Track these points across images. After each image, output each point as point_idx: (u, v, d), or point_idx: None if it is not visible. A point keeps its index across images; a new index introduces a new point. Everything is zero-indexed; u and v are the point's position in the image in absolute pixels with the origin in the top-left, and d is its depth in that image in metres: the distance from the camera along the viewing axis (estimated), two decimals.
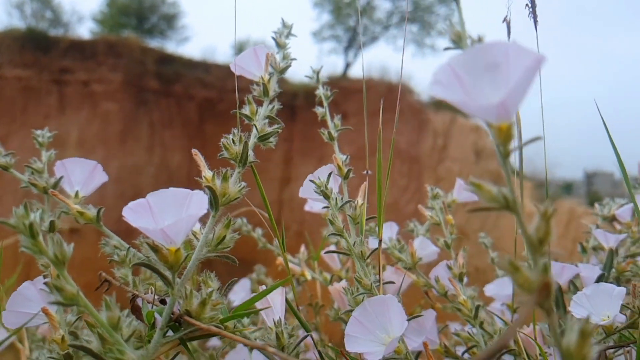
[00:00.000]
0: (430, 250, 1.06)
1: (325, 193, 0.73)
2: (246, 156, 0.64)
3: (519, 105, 0.38)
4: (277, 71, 0.85)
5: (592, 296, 0.82)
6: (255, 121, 0.72)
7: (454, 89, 0.40)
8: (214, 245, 0.57)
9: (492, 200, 0.40)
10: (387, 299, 0.62)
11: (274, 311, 0.67)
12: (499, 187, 0.40)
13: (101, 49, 14.07)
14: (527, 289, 0.38)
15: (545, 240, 0.39)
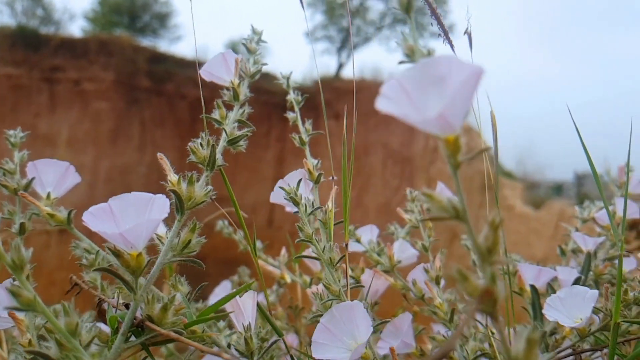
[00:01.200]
0: (409, 253, 1.06)
1: (294, 200, 0.73)
2: (214, 160, 0.64)
3: (461, 117, 0.38)
4: (247, 76, 0.86)
5: (566, 299, 0.82)
6: (225, 125, 0.72)
7: (401, 103, 0.40)
8: (180, 250, 0.56)
9: (443, 210, 0.40)
10: (354, 305, 0.62)
11: (244, 315, 0.66)
12: (449, 198, 0.40)
13: (93, 48, 14.01)
14: (475, 296, 0.38)
15: (493, 249, 0.38)
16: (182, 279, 0.64)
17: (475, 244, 0.40)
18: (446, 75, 0.39)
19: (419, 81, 0.40)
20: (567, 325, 0.79)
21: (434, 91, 0.40)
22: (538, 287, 1.01)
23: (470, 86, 0.37)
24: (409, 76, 0.40)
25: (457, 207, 0.39)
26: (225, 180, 0.71)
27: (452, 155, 0.39)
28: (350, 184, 0.75)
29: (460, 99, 0.37)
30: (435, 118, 0.37)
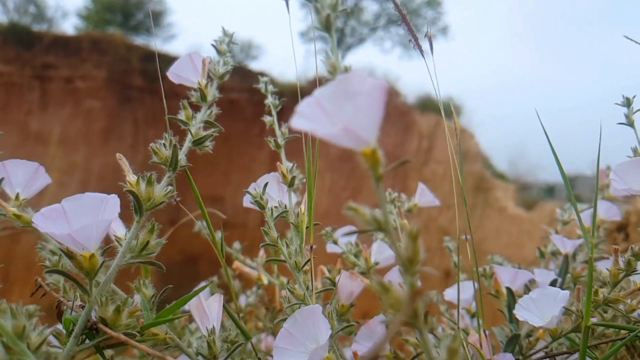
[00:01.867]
0: (387, 254, 1.05)
1: (259, 204, 0.72)
2: (176, 160, 0.63)
3: (370, 131, 0.39)
4: (216, 77, 0.85)
5: (538, 299, 0.82)
6: (191, 126, 0.71)
7: (317, 120, 0.40)
8: (138, 251, 0.55)
9: (367, 223, 0.39)
10: (316, 309, 0.61)
11: (209, 318, 0.65)
12: (372, 211, 0.40)
13: (85, 46, 13.93)
14: (397, 309, 0.38)
15: (414, 260, 0.38)
16: (147, 282, 0.63)
17: (397, 254, 0.39)
18: (357, 90, 0.39)
19: (335, 97, 0.40)
20: (537, 324, 0.78)
21: (346, 106, 0.40)
22: (515, 290, 1.01)
23: (374, 101, 0.37)
24: (325, 93, 0.41)
25: (379, 219, 0.39)
26: (191, 182, 0.70)
27: (372, 168, 0.39)
28: (315, 187, 0.74)
29: (364, 114, 0.37)
30: (340, 132, 0.37)
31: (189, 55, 0.89)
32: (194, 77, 0.87)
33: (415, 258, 0.39)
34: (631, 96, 1.05)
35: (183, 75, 0.87)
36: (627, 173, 0.94)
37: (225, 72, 0.92)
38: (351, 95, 0.40)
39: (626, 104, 1.03)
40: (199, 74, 0.79)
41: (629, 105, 1.03)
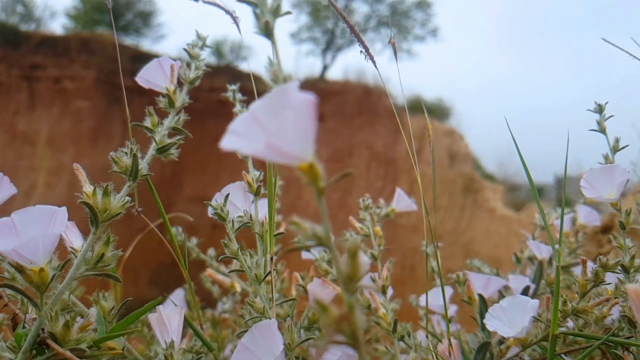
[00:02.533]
0: None
1: (220, 216, 0.71)
2: (136, 170, 0.62)
3: (301, 146, 0.37)
4: (187, 82, 0.84)
5: (508, 308, 0.82)
6: (156, 133, 0.70)
7: (251, 137, 0.39)
8: (93, 264, 0.54)
9: (308, 238, 0.39)
10: (272, 324, 0.60)
11: (169, 331, 0.64)
12: (312, 226, 0.39)
13: (74, 45, 13.83)
14: (336, 330, 0.37)
15: (354, 277, 0.37)
16: (107, 294, 0.62)
17: (337, 272, 0.39)
18: (288, 104, 0.39)
19: (270, 111, 0.39)
20: (506, 334, 0.78)
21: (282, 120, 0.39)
22: (488, 296, 1.01)
23: (302, 116, 0.36)
24: (261, 106, 0.39)
25: (319, 235, 0.38)
26: (153, 191, 0.69)
27: (312, 182, 0.39)
28: (275, 196, 0.73)
29: (291, 129, 0.36)
30: (264, 149, 0.36)
31: (158, 61, 0.88)
32: (163, 82, 0.86)
33: (354, 275, 0.38)
34: (604, 102, 1.05)
35: (152, 80, 0.86)
36: (597, 180, 0.94)
37: (196, 77, 0.91)
38: (284, 109, 0.39)
39: (598, 110, 1.03)
40: (168, 79, 0.78)
41: (601, 111, 1.03)
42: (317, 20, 14.82)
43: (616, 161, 1.01)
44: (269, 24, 0.45)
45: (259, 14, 0.46)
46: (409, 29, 14.62)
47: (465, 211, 12.11)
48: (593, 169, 0.95)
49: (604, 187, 0.94)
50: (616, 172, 0.93)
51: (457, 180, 12.32)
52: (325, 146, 14.39)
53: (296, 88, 0.38)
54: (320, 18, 14.61)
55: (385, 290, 0.90)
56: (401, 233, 13.73)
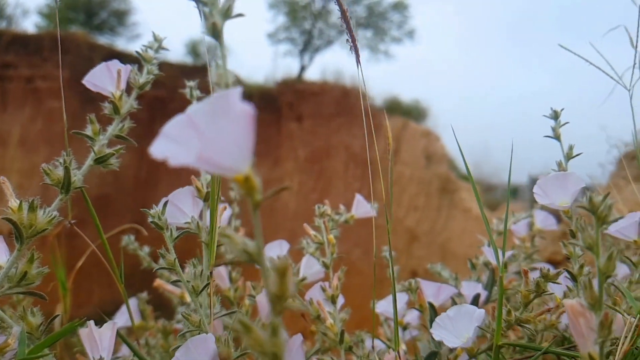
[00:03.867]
0: (316, 269, 1.04)
1: (157, 224, 0.70)
2: (69, 182, 0.60)
3: (236, 158, 0.36)
4: (136, 87, 0.83)
5: (455, 318, 0.82)
6: (96, 142, 0.68)
7: (186, 142, 0.37)
8: (16, 281, 0.53)
9: (238, 252, 0.38)
10: (208, 338, 0.59)
11: (99, 347, 0.63)
12: (244, 240, 0.38)
13: (46, 44, 13.57)
14: (259, 350, 0.36)
15: (282, 297, 0.37)
16: (35, 309, 0.60)
17: (267, 291, 0.38)
18: (229, 111, 0.37)
19: (210, 116, 0.37)
20: (451, 345, 0.78)
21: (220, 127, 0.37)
22: (440, 304, 1.01)
23: (240, 126, 0.35)
24: (200, 110, 0.37)
25: (249, 251, 0.37)
26: (88, 202, 0.68)
27: (248, 195, 0.37)
28: (217, 209, 0.72)
29: (228, 139, 0.35)
30: (196, 159, 0.34)
31: (106, 64, 0.87)
32: (110, 86, 0.85)
33: (283, 295, 0.38)
34: (559, 109, 1.06)
35: (99, 84, 0.85)
36: (549, 187, 0.95)
37: (146, 81, 0.89)
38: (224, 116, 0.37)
39: (553, 117, 1.04)
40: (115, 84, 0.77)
41: (557, 118, 1.04)
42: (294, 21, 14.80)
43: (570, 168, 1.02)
44: (217, 25, 0.44)
45: (207, 14, 0.45)
46: (386, 30, 14.68)
47: (442, 211, 12.21)
48: (547, 176, 0.95)
49: (557, 194, 0.95)
50: (570, 180, 0.94)
51: (433, 181, 12.41)
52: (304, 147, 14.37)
53: (238, 96, 0.36)
54: (298, 19, 14.59)
55: (334, 299, 0.89)
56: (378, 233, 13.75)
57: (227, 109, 0.36)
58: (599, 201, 0.54)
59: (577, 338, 0.54)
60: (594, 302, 0.52)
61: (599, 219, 0.54)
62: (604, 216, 0.54)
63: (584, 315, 0.53)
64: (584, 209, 0.55)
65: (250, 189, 0.37)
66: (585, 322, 0.53)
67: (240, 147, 0.35)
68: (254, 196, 0.37)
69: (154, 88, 4.19)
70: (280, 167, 15.21)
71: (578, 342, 0.54)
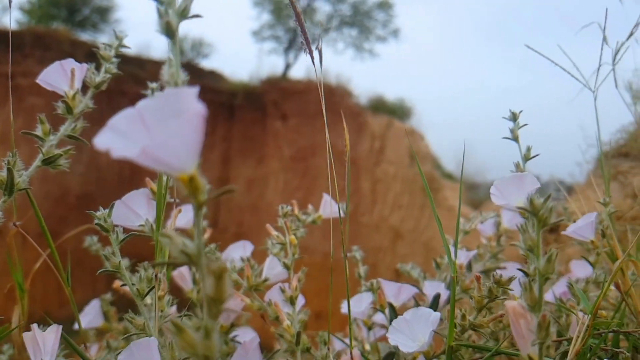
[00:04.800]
0: (278, 270, 1.04)
1: (102, 226, 0.69)
2: (12, 184, 0.59)
3: (182, 157, 0.36)
4: (92, 86, 0.82)
5: (412, 321, 0.82)
6: (46, 142, 0.67)
7: (133, 137, 0.36)
8: None
9: (177, 254, 0.37)
10: (151, 342, 0.58)
11: (42, 351, 0.62)
12: (184, 241, 0.37)
13: (28, 41, 13.40)
14: (191, 353, 0.36)
15: (219, 300, 0.36)
16: None
17: (203, 294, 0.38)
18: (180, 109, 0.36)
19: (160, 112, 0.37)
20: (406, 349, 0.78)
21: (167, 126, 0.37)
22: (400, 304, 1.02)
23: (190, 126, 0.34)
24: (150, 106, 0.37)
25: (188, 252, 0.37)
26: (33, 204, 0.67)
27: (191, 195, 0.37)
28: (164, 207, 0.71)
29: (176, 137, 0.34)
30: (141, 154, 0.34)
31: (60, 63, 0.86)
32: (65, 85, 0.84)
33: (219, 298, 0.37)
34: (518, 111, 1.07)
35: (54, 83, 0.84)
36: (506, 188, 0.95)
37: (102, 81, 0.88)
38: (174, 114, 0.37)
39: (512, 119, 1.05)
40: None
41: (515, 119, 1.05)
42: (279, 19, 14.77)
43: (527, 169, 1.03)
44: (171, 24, 0.43)
45: (162, 12, 0.44)
46: (370, 29, 14.71)
47: (425, 210, 12.26)
48: (504, 177, 0.96)
49: (514, 195, 0.96)
50: (526, 181, 0.95)
51: (417, 180, 12.46)
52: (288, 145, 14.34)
53: (193, 95, 0.36)
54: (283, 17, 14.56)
55: (293, 301, 0.89)
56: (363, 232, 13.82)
57: (177, 108, 0.36)
58: (539, 203, 0.54)
59: (517, 339, 0.54)
60: (534, 303, 0.53)
61: (539, 220, 0.54)
62: (545, 218, 0.54)
63: (524, 317, 0.54)
64: (525, 211, 0.55)
65: (195, 190, 0.37)
66: (525, 324, 0.53)
67: (187, 147, 0.35)
68: (198, 197, 0.37)
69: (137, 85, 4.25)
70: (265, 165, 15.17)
71: (519, 343, 0.54)
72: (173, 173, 0.37)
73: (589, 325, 0.76)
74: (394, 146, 13.26)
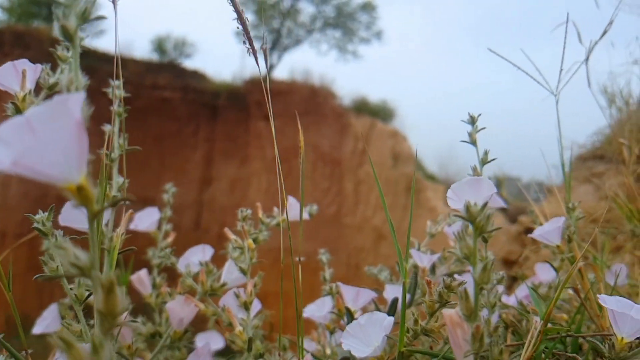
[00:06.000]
0: (236, 274, 1.02)
1: (41, 231, 0.67)
2: None
3: (61, 166, 0.34)
4: (45, 87, 0.80)
5: (366, 325, 0.81)
6: None
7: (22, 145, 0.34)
8: None
9: (68, 266, 0.36)
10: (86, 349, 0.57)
11: None
12: (75, 254, 0.36)
13: (7, 39, 13.21)
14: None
15: (111, 314, 0.35)
16: None
17: (96, 308, 0.36)
18: (60, 117, 0.35)
19: (47, 120, 0.35)
20: (359, 354, 0.77)
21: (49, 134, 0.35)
22: (358, 308, 1.01)
23: (68, 134, 0.33)
24: (37, 113, 0.35)
25: (79, 265, 0.35)
26: None
27: (83, 205, 0.36)
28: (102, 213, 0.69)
29: (53, 146, 0.33)
30: (12, 165, 0.32)
31: (12, 64, 0.83)
32: (17, 86, 0.81)
33: (111, 312, 0.36)
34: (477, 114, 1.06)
35: (5, 83, 0.81)
36: (463, 192, 0.95)
37: (54, 83, 0.86)
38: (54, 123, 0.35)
39: (470, 122, 1.04)
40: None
41: (473, 123, 1.04)
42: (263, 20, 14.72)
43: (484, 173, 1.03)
44: (67, 29, 0.41)
45: (59, 16, 0.42)
46: (354, 30, 14.74)
47: (408, 210, 12.31)
48: (461, 181, 0.96)
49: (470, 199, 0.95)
50: (483, 186, 0.94)
51: (400, 181, 12.51)
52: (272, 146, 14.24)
53: (78, 102, 0.34)
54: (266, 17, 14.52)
55: (247, 306, 0.88)
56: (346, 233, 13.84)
57: (59, 115, 0.34)
58: (476, 210, 0.53)
59: (454, 348, 0.53)
60: (469, 312, 0.52)
61: (476, 228, 0.54)
62: (482, 226, 0.54)
63: (461, 326, 0.53)
64: (461, 218, 0.55)
65: (85, 200, 0.35)
66: (462, 333, 0.53)
67: (66, 156, 0.33)
68: (90, 207, 0.35)
69: None
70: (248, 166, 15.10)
71: (455, 352, 0.53)
72: (57, 183, 0.35)
73: (540, 331, 0.76)
74: (377, 147, 13.30)
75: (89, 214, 0.36)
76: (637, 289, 1.39)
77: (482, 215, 0.52)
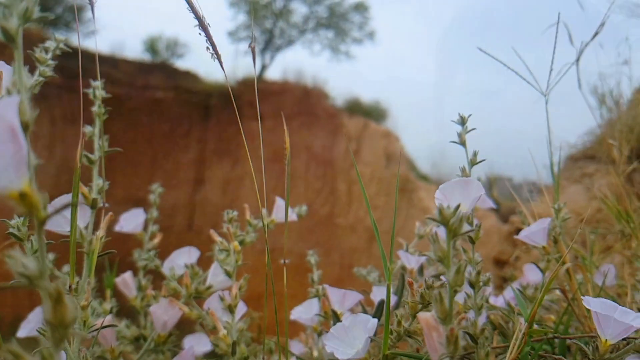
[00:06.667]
0: (222, 277, 1.01)
1: (15, 236, 0.66)
2: None
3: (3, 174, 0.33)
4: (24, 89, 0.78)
5: (350, 327, 0.80)
6: None
7: None
8: None
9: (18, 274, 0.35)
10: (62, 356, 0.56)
11: None
12: (24, 263, 0.35)
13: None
14: None
15: (64, 323, 0.34)
16: None
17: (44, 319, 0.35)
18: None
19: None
20: (341, 357, 0.76)
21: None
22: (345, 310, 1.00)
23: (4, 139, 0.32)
24: None
25: (28, 274, 0.34)
26: None
27: (30, 212, 0.35)
28: (77, 215, 0.68)
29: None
30: None
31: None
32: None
33: (60, 322, 0.35)
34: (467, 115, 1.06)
35: None
36: (452, 193, 0.95)
37: (36, 83, 0.85)
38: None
39: (460, 122, 1.04)
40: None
41: (463, 123, 1.04)
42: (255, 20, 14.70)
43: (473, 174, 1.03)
44: (8, 30, 0.40)
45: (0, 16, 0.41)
46: (347, 31, 14.74)
47: (401, 210, 12.33)
48: (449, 182, 0.95)
49: (458, 200, 0.95)
50: (471, 187, 0.94)
51: (393, 181, 12.52)
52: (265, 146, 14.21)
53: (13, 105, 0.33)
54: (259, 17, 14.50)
55: (232, 309, 0.87)
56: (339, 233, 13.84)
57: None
58: (449, 213, 0.53)
59: (430, 351, 0.53)
60: (444, 316, 0.51)
61: (449, 231, 0.53)
62: (455, 228, 0.53)
63: (436, 330, 0.52)
64: (434, 221, 0.54)
65: (31, 207, 0.34)
66: (437, 336, 0.52)
67: (3, 161, 0.32)
68: (36, 213, 0.34)
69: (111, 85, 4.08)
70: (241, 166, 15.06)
71: (431, 355, 0.53)
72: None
73: (525, 333, 0.76)
74: (370, 147, 13.31)
75: (35, 221, 0.35)
76: (625, 289, 1.39)
77: (455, 217, 0.52)
